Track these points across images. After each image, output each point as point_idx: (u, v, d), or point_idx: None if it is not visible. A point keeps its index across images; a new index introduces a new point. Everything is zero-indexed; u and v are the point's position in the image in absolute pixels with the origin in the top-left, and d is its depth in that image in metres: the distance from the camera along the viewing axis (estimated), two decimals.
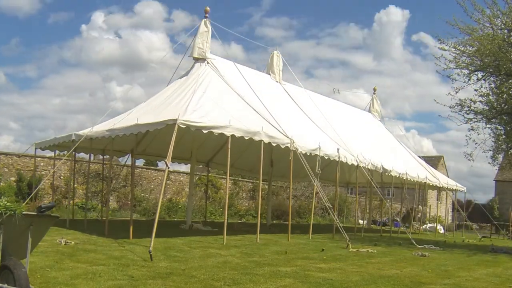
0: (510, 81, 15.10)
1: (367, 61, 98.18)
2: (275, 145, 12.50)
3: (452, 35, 15.27)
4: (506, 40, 14.38)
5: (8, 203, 4.72)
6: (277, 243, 11.97)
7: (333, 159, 14.64)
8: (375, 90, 23.80)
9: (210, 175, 22.32)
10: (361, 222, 23.35)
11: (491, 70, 14.95)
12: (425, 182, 20.26)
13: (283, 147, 12.57)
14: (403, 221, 21.82)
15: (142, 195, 21.10)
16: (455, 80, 15.22)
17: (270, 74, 17.22)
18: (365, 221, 23.73)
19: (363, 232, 17.75)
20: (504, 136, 15.91)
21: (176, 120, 9.92)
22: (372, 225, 24.64)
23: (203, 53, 14.02)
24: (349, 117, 20.54)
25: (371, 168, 16.58)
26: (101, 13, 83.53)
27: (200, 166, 19.98)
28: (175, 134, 9.73)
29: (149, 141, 15.57)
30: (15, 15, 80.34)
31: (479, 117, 15.44)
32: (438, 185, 21.64)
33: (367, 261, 9.67)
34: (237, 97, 13.50)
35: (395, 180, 18.88)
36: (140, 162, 23.01)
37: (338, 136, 16.00)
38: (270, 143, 12.22)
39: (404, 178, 18.69)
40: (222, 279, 6.63)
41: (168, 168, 11.24)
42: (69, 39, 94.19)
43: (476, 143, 15.65)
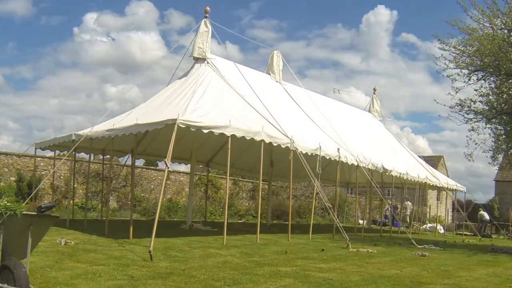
0: (510, 81, 15.09)
1: (356, 61, 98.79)
2: (275, 145, 12.49)
3: (452, 35, 15.32)
4: (506, 40, 14.38)
5: (8, 203, 4.72)
6: (277, 243, 11.96)
7: (333, 159, 14.64)
8: (375, 90, 23.79)
9: (210, 175, 22.31)
10: (361, 222, 23.33)
11: (491, 70, 14.94)
12: (426, 182, 20.26)
13: (283, 147, 12.56)
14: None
15: (142, 195, 21.10)
16: (455, 80, 15.26)
17: (270, 74, 17.22)
18: (365, 221, 23.73)
19: (363, 232, 17.75)
20: (504, 136, 15.91)
21: (176, 120, 9.92)
22: (372, 225, 24.63)
23: (203, 53, 14.02)
24: (349, 117, 20.52)
25: (371, 168, 16.58)
26: (93, 14, 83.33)
27: (200, 166, 19.98)
28: (174, 134, 9.74)
29: (149, 141, 15.57)
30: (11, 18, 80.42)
31: (479, 117, 15.45)
32: (438, 185, 21.63)
33: (367, 261, 9.67)
34: (237, 97, 13.49)
35: (395, 180, 18.88)
36: (140, 162, 23.05)
37: (338, 136, 15.99)
38: (270, 143, 12.22)
39: (405, 178, 18.70)
40: (222, 279, 6.63)
41: (168, 168, 11.24)
42: (63, 41, 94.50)
43: (476, 143, 15.70)
